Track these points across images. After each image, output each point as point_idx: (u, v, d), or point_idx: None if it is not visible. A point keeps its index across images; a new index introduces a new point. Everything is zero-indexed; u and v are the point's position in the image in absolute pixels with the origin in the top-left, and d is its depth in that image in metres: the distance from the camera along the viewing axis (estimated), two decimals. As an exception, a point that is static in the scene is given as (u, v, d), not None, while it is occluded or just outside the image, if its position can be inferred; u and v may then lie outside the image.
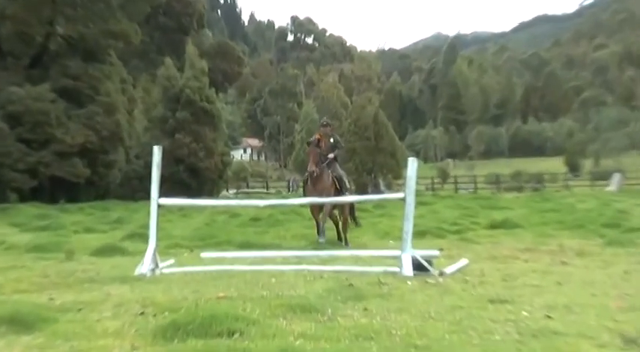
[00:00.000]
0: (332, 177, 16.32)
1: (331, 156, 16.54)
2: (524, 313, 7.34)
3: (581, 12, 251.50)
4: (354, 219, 17.63)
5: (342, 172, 16.87)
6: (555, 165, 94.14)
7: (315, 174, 15.99)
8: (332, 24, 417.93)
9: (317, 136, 16.77)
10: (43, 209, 33.72)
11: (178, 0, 70.10)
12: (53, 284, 10.09)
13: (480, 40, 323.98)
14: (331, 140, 16.84)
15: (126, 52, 57.36)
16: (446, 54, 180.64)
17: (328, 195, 15.75)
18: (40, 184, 41.95)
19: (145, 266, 11.28)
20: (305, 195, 16.62)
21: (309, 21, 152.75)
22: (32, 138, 41.31)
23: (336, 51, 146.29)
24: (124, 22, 46.30)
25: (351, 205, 17.23)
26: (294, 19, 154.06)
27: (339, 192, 16.21)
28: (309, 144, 16.67)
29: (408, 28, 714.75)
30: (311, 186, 16.17)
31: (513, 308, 7.61)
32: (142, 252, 12.03)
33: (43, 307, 7.63)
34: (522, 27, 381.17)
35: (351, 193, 18.02)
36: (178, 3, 70.24)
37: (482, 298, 8.33)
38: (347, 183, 16.82)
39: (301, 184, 18.63)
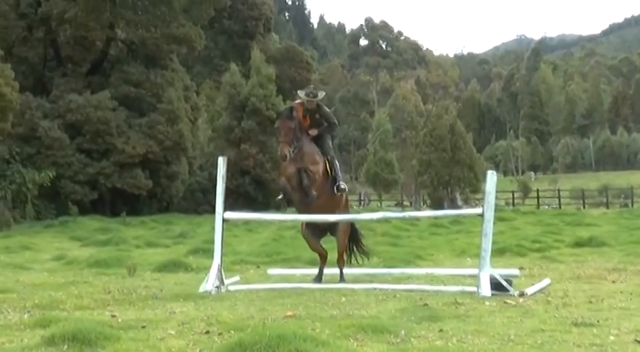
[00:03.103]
0: (321, 159, 12.61)
1: (314, 132, 12.66)
2: (611, 337, 7.28)
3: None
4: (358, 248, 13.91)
5: (333, 154, 13.11)
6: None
7: (286, 159, 11.91)
8: (407, 25, 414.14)
9: (296, 106, 12.77)
10: (104, 222, 34.31)
11: (244, 2, 70.59)
12: (115, 301, 10.32)
13: (566, 44, 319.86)
14: (316, 116, 12.82)
15: (189, 58, 58.18)
16: (529, 59, 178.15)
17: (322, 190, 12.44)
18: (100, 196, 42.65)
19: (209, 283, 11.42)
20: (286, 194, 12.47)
21: (384, 25, 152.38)
22: (92, 149, 42.04)
23: (409, 57, 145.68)
24: (187, 26, 46.75)
25: (353, 230, 13.62)
26: (367, 21, 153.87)
27: (334, 181, 12.68)
28: (279, 115, 12.90)
29: (489, 30, 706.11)
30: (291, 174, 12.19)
31: (599, 332, 7.54)
32: (207, 268, 12.23)
33: (105, 324, 7.83)
34: (613, 29, 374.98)
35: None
36: (244, 6, 70.73)
37: (566, 321, 8.28)
38: (337, 166, 12.83)
39: (372, 197, 15.33)
